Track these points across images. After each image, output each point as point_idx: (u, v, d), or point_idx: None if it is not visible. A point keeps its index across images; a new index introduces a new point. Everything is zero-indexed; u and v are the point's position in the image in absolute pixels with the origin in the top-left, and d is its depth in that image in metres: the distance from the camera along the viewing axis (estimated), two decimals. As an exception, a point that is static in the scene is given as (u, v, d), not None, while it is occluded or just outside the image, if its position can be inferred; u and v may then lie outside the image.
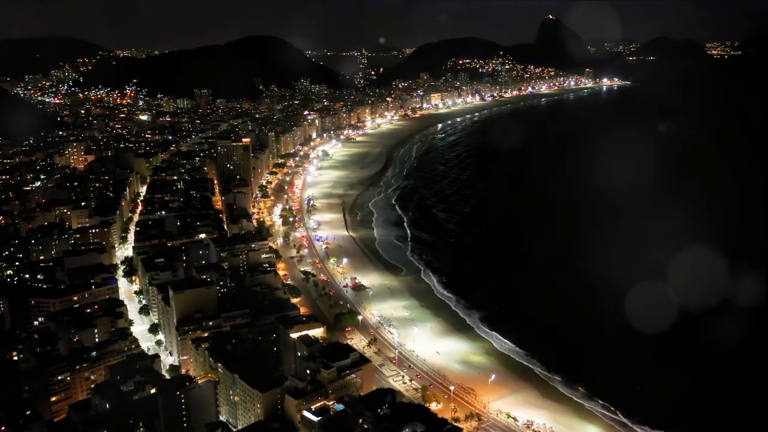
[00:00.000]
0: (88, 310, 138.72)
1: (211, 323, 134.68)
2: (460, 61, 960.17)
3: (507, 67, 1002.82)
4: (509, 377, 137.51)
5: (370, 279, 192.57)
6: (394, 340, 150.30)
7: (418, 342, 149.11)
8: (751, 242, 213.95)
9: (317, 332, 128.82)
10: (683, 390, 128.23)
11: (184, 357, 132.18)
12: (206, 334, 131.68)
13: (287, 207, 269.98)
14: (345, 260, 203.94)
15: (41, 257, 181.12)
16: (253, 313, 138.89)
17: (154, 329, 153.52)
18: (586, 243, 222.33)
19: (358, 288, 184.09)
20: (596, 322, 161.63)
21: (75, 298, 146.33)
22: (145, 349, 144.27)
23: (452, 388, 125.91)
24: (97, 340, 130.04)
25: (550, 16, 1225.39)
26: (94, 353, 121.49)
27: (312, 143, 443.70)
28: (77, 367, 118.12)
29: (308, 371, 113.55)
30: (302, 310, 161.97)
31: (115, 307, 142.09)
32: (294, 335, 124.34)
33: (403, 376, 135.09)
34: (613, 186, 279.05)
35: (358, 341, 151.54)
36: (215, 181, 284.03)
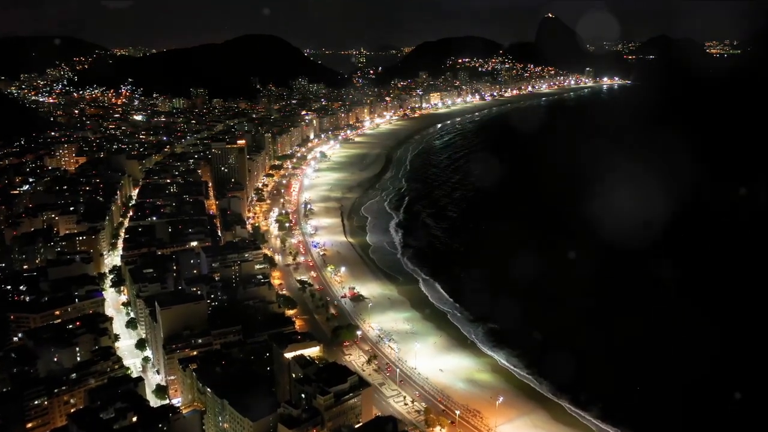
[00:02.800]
0: (70, 326, 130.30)
1: (200, 341, 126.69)
2: (459, 60, 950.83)
3: (506, 66, 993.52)
4: (517, 397, 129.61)
5: (369, 288, 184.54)
6: (395, 355, 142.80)
7: (420, 358, 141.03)
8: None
9: (313, 351, 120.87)
10: (706, 414, 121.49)
11: (172, 377, 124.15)
12: (195, 353, 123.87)
13: (284, 211, 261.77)
14: (343, 269, 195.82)
15: (25, 266, 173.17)
16: (246, 330, 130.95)
17: (141, 345, 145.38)
18: (593, 249, 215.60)
19: (357, 298, 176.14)
20: (605, 332, 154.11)
21: (57, 312, 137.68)
22: (132, 366, 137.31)
23: (458, 413, 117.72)
24: (78, 359, 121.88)
25: (549, 15, 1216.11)
26: (74, 375, 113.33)
27: (309, 144, 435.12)
28: (55, 390, 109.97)
29: (303, 395, 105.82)
30: (298, 323, 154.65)
31: (99, 322, 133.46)
32: (288, 355, 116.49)
33: (404, 397, 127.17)
34: (620, 190, 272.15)
35: (356, 357, 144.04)
36: (210, 184, 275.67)
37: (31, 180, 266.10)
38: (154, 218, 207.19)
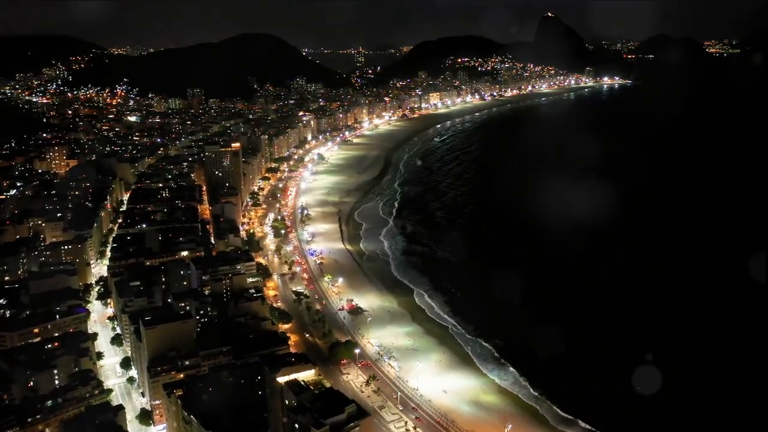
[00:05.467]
0: (49, 346, 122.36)
1: (187, 362, 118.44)
2: (459, 60, 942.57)
3: (506, 65, 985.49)
4: (525, 421, 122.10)
5: (368, 300, 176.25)
6: (396, 374, 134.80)
7: (422, 378, 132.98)
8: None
9: (308, 375, 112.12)
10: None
11: (156, 402, 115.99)
12: (181, 376, 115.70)
13: (279, 217, 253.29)
14: (340, 279, 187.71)
15: (6, 278, 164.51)
16: (237, 350, 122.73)
17: (126, 363, 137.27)
18: (594, 253, 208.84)
19: (355, 311, 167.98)
20: (612, 346, 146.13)
21: (36, 330, 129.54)
22: (116, 386, 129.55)
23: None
24: (57, 382, 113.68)
25: (549, 15, 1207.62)
26: (49, 402, 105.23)
27: (307, 146, 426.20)
28: (29, 420, 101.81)
29: (297, 426, 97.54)
30: (293, 339, 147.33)
31: (81, 342, 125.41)
32: (281, 380, 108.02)
33: (406, 423, 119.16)
34: (624, 194, 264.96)
35: (354, 376, 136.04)
36: (204, 188, 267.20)
37: (18, 184, 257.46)
38: (144, 225, 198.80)
